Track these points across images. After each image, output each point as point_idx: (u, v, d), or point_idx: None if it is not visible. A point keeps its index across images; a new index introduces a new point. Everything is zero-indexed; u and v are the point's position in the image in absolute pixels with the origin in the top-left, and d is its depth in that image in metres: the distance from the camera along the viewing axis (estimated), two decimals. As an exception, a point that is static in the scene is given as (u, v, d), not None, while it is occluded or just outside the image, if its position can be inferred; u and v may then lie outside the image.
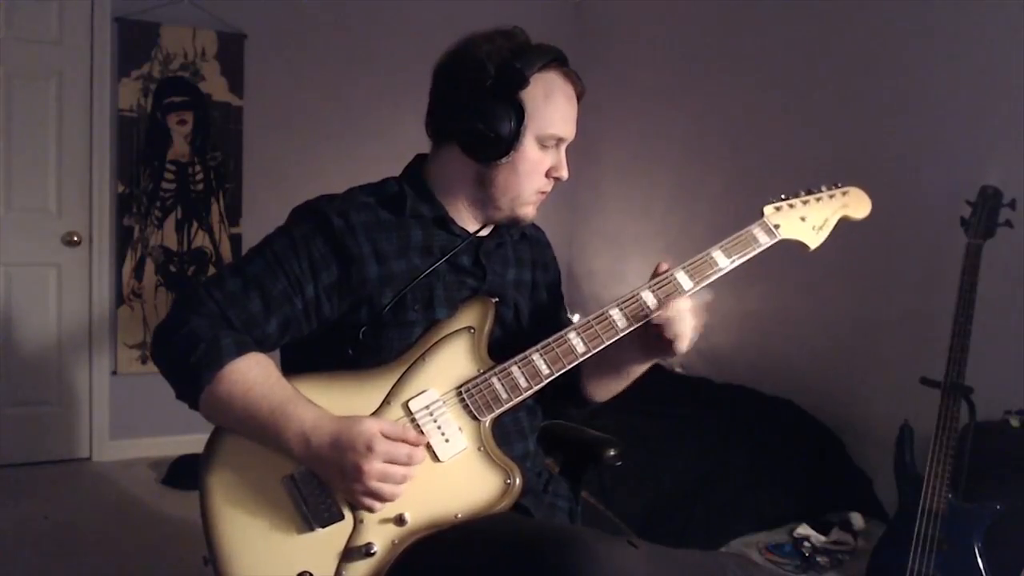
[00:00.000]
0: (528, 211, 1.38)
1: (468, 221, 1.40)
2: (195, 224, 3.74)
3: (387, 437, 1.17)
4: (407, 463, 1.17)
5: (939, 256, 2.61)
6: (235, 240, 3.79)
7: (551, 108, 1.32)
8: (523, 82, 1.28)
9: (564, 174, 1.37)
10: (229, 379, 1.19)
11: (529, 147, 1.32)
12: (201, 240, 3.76)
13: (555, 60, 1.33)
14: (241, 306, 1.24)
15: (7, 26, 3.40)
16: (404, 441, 1.18)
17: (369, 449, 1.14)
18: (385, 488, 1.16)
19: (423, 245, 1.34)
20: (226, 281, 1.26)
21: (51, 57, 3.48)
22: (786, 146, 3.35)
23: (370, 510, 1.19)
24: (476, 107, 1.29)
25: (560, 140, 1.35)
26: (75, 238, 3.56)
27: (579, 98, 1.37)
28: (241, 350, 1.21)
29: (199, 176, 3.73)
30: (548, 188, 1.38)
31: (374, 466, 1.14)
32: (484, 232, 1.41)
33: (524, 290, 1.48)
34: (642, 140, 4.16)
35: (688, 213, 3.87)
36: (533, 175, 1.34)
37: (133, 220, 3.64)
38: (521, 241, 1.50)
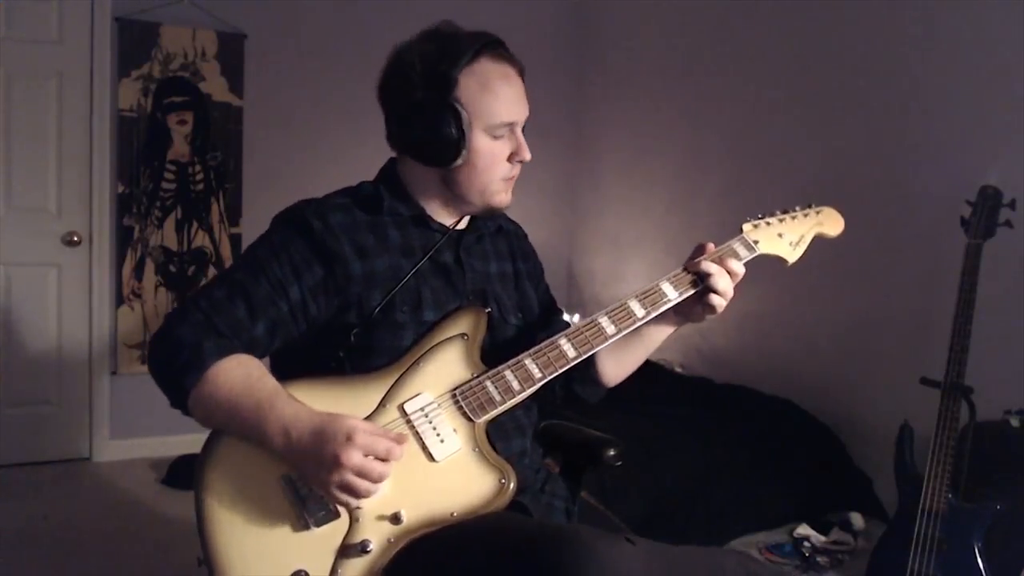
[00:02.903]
0: (501, 199, 1.39)
1: (445, 216, 1.41)
2: (195, 224, 3.74)
3: (367, 431, 1.16)
4: (385, 458, 1.16)
5: (939, 256, 2.61)
6: (235, 240, 3.79)
7: (490, 98, 1.31)
8: (451, 83, 1.29)
9: (526, 155, 1.37)
10: (212, 381, 1.20)
11: (480, 142, 1.32)
12: (201, 240, 3.76)
13: (483, 47, 1.32)
14: (226, 312, 1.25)
15: (7, 26, 3.40)
16: (384, 436, 1.18)
17: (349, 439, 1.14)
18: (361, 484, 1.14)
19: (402, 244, 1.36)
20: (212, 290, 1.28)
21: (51, 57, 3.48)
22: (786, 146, 3.35)
23: (346, 507, 1.19)
24: (415, 119, 1.31)
25: (511, 125, 1.35)
26: (75, 238, 3.56)
27: (520, 75, 1.37)
28: (223, 352, 1.22)
29: (199, 176, 3.73)
30: (514, 173, 1.39)
31: (352, 457, 1.13)
32: (461, 225, 1.43)
33: (508, 282, 1.50)
34: (642, 140, 4.16)
35: (688, 214, 3.87)
36: (494, 166, 1.35)
37: (133, 220, 3.64)
38: (498, 234, 1.52)
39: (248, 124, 3.79)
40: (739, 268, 1.38)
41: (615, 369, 1.52)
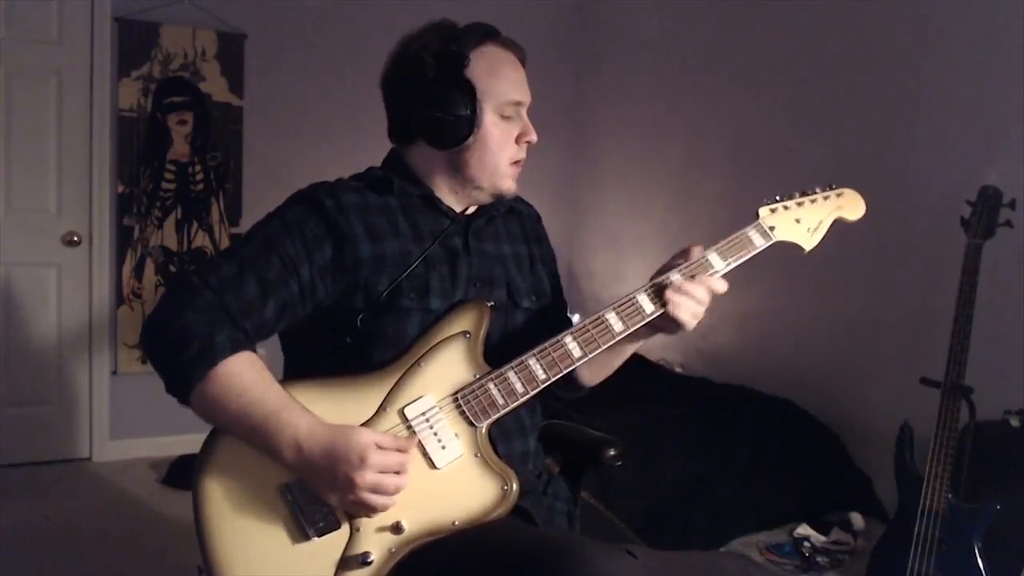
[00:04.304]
0: (509, 184, 1.39)
1: (453, 203, 1.41)
2: (195, 224, 3.74)
3: (379, 446, 1.16)
4: (400, 472, 1.16)
5: (939, 256, 2.61)
6: (235, 240, 3.79)
7: (499, 77, 1.34)
8: (464, 60, 1.31)
9: (533, 136, 1.38)
10: (221, 380, 1.18)
11: (491, 121, 1.34)
12: (201, 240, 3.76)
13: (487, 34, 1.35)
14: (238, 291, 1.22)
15: (7, 26, 3.39)
16: (397, 448, 1.17)
17: (362, 461, 1.13)
18: (377, 499, 1.15)
19: (412, 231, 1.35)
20: (220, 267, 1.25)
21: (51, 57, 3.48)
22: (786, 146, 3.35)
23: (367, 516, 1.18)
24: (427, 98, 1.31)
25: (518, 104, 1.36)
26: (75, 238, 3.56)
27: (522, 63, 1.39)
28: (236, 348, 1.19)
29: (199, 176, 3.73)
30: (522, 155, 1.39)
31: (366, 478, 1.13)
32: (470, 210, 1.42)
33: (523, 264, 1.48)
34: (642, 140, 4.16)
35: (688, 213, 3.87)
36: (504, 146, 1.36)
37: (133, 220, 3.64)
38: (509, 215, 1.50)
39: (248, 124, 3.79)
40: (717, 286, 1.32)
41: (589, 374, 1.48)
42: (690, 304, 1.30)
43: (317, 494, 1.18)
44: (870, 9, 3.00)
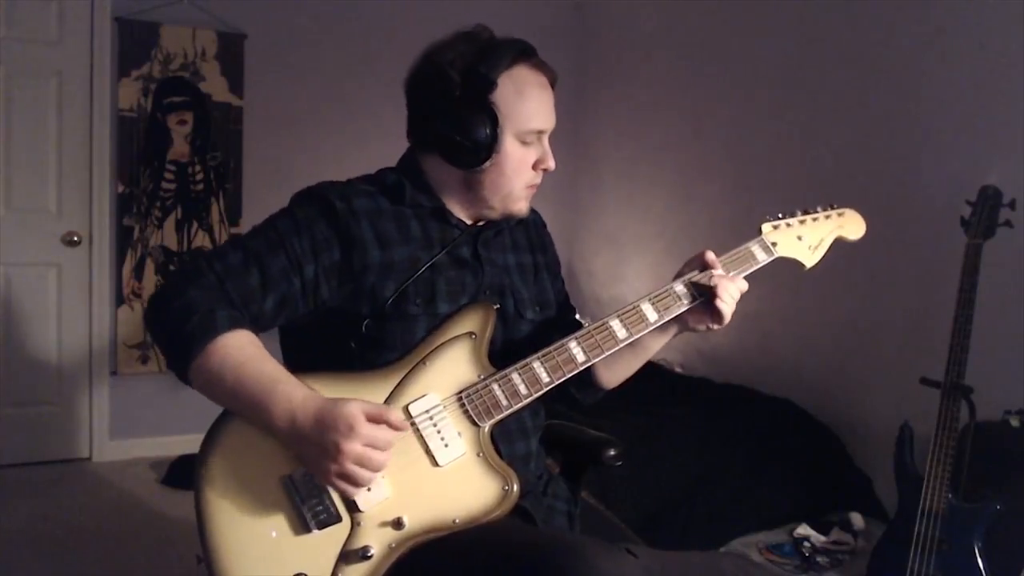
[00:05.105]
0: (521, 206, 1.39)
1: (464, 215, 1.41)
2: (195, 224, 3.74)
3: (369, 419, 1.15)
4: (386, 449, 1.16)
5: (939, 256, 2.61)
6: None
7: (525, 104, 1.33)
8: (491, 86, 1.29)
9: (551, 164, 1.38)
10: (221, 352, 1.18)
11: (510, 146, 1.33)
12: (201, 240, 3.76)
13: (521, 54, 1.33)
14: (240, 279, 1.24)
15: (7, 26, 3.39)
16: (387, 423, 1.17)
17: (350, 429, 1.13)
18: (362, 473, 1.14)
19: (422, 237, 1.35)
20: (227, 255, 1.26)
21: (51, 57, 3.48)
22: (786, 147, 3.35)
23: (346, 494, 1.17)
24: (449, 118, 1.30)
25: (540, 132, 1.36)
26: (75, 238, 3.56)
27: (552, 85, 1.38)
28: (235, 324, 1.21)
29: (199, 176, 3.73)
30: (537, 180, 1.39)
31: (353, 447, 1.12)
32: (481, 222, 1.42)
33: (527, 275, 1.48)
34: (642, 141, 4.16)
35: (688, 213, 3.87)
36: (520, 171, 1.36)
37: (133, 220, 3.64)
38: (518, 225, 1.51)
39: (248, 124, 3.79)
40: (743, 285, 1.38)
41: (608, 376, 1.51)
42: (730, 300, 1.35)
43: (307, 467, 1.18)
44: (870, 9, 3.00)
